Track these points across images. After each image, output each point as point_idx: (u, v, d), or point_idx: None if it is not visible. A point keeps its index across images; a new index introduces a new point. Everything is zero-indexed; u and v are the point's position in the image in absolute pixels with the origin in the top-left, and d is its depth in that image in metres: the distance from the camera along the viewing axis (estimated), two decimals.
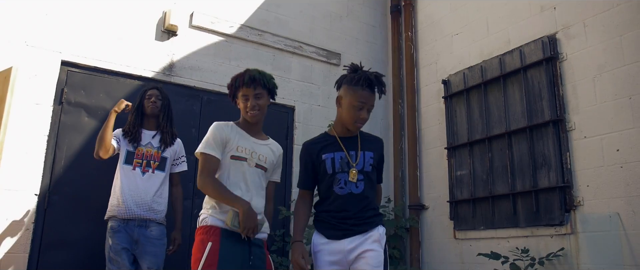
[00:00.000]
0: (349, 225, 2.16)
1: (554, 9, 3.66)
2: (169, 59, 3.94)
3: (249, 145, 2.27)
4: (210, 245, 2.06)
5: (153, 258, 3.01)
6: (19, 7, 3.40)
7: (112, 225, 3.00)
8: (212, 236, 2.09)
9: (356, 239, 2.15)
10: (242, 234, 2.09)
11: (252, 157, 2.26)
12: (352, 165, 2.20)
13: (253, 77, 2.27)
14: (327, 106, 4.65)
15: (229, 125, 2.28)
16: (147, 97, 3.22)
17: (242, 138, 2.27)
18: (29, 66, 3.36)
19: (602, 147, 3.23)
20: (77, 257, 3.31)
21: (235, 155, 2.22)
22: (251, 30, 4.36)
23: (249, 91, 2.26)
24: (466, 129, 4.15)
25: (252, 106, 2.25)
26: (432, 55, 4.69)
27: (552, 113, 3.51)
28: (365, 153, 2.23)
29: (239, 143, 2.24)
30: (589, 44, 3.40)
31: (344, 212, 2.18)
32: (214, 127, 2.27)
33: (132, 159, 3.10)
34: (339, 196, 2.20)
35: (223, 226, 2.12)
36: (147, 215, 3.04)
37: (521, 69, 3.76)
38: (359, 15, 5.13)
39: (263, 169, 2.30)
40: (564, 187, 3.36)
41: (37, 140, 3.32)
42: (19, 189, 3.20)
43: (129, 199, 3.01)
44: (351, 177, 2.18)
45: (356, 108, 2.18)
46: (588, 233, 3.23)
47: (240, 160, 2.22)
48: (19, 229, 3.16)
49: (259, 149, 2.31)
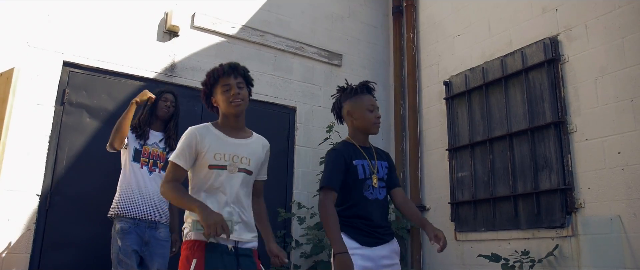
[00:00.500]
0: (380, 234, 2.26)
1: (555, 10, 3.66)
2: (171, 60, 3.95)
3: (228, 150, 2.05)
4: (195, 262, 1.90)
5: (162, 260, 3.00)
6: (21, 8, 3.41)
7: (122, 226, 2.93)
8: (196, 252, 1.93)
9: (386, 247, 2.27)
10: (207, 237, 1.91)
11: (234, 161, 2.04)
12: (373, 172, 2.32)
13: (233, 66, 2.09)
14: (329, 107, 4.55)
15: (203, 129, 2.06)
16: (163, 99, 3.22)
17: (219, 142, 2.05)
18: (31, 67, 3.37)
19: (604, 150, 3.23)
20: (78, 258, 3.32)
21: (213, 164, 2.01)
22: (253, 31, 4.37)
23: (231, 80, 2.06)
24: (467, 131, 4.15)
25: (235, 95, 2.04)
26: (434, 56, 4.69)
27: (553, 115, 3.51)
28: (381, 163, 2.38)
29: (217, 150, 2.03)
30: (590, 46, 3.40)
31: (373, 220, 2.26)
32: (186, 133, 2.05)
33: (140, 157, 3.07)
34: (370, 201, 2.28)
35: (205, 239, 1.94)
36: (156, 217, 3.03)
37: (523, 70, 3.75)
38: (360, 16, 5.12)
39: (248, 173, 2.09)
40: (565, 189, 3.35)
41: (39, 141, 3.33)
42: (20, 190, 3.21)
43: (139, 199, 2.98)
44: (374, 183, 2.30)
45: (369, 111, 2.33)
46: (589, 235, 3.22)
47: (219, 168, 2.02)
48: (20, 230, 3.17)
49: (241, 150, 2.09)
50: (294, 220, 4.21)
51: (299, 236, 4.19)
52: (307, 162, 4.43)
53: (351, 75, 4.89)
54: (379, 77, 5.08)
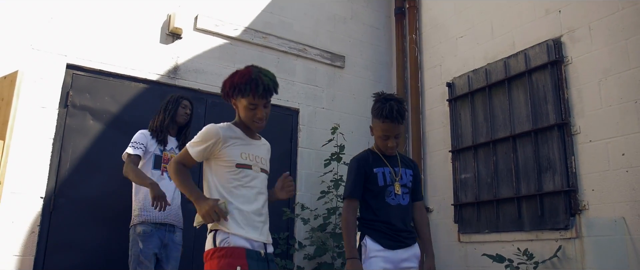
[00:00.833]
0: (402, 237, 2.37)
1: (559, 12, 3.66)
2: (174, 62, 3.95)
3: (252, 150, 2.07)
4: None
5: (175, 262, 3.12)
6: (24, 11, 3.42)
7: (145, 230, 2.99)
8: (239, 259, 1.88)
9: (407, 250, 2.38)
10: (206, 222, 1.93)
11: (256, 161, 2.06)
12: (395, 179, 2.42)
13: (267, 88, 1.98)
14: (331, 109, 4.65)
15: (228, 129, 2.04)
16: (182, 105, 3.29)
17: (244, 143, 2.05)
18: (34, 69, 3.38)
19: (608, 151, 3.22)
20: (82, 260, 3.32)
21: (240, 162, 2.01)
22: (255, 33, 4.37)
23: (260, 102, 1.99)
24: (471, 132, 4.14)
25: (261, 118, 2.01)
26: (437, 57, 4.69)
27: (557, 116, 3.51)
28: (406, 170, 2.47)
29: (242, 149, 2.03)
30: (594, 47, 3.39)
31: (395, 224, 2.37)
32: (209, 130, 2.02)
33: (160, 164, 3.13)
34: (392, 207, 2.39)
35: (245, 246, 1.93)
36: (175, 221, 3.14)
37: (526, 72, 3.75)
38: (362, 17, 5.13)
39: (266, 173, 2.12)
40: (569, 191, 3.35)
41: (43, 143, 3.33)
42: (25, 192, 3.21)
43: None
44: (396, 190, 2.41)
45: (382, 139, 2.41)
46: (593, 237, 3.22)
47: (245, 167, 2.02)
48: (25, 232, 3.17)
49: (258, 151, 2.11)
50: (297, 221, 4.21)
51: (302, 238, 4.19)
52: (310, 164, 4.43)
53: (354, 77, 4.91)
54: (382, 79, 5.08)
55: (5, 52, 3.30)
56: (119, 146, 3.57)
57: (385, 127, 2.36)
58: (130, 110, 3.70)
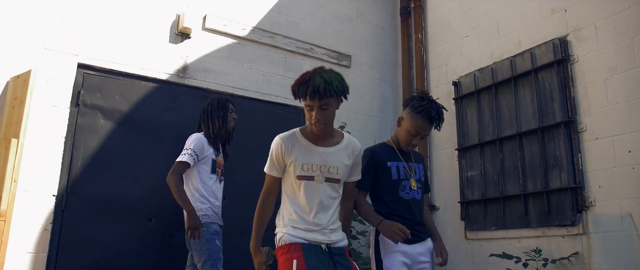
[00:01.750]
0: (418, 231, 2.43)
1: (564, 11, 3.69)
2: (183, 62, 3.99)
3: (316, 160, 2.04)
4: (296, 263, 1.95)
5: None
6: (36, 11, 3.45)
7: (216, 229, 3.14)
8: (294, 253, 1.98)
9: (423, 244, 2.46)
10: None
11: (321, 171, 2.03)
12: (410, 174, 2.48)
13: (316, 90, 1.92)
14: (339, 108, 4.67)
15: (291, 138, 2.06)
16: (230, 110, 3.39)
17: (307, 152, 2.04)
18: (46, 69, 3.41)
19: (614, 149, 3.26)
20: (94, 257, 3.36)
21: (301, 175, 2.03)
22: (263, 32, 4.41)
23: (314, 103, 1.96)
24: (477, 130, 4.18)
25: (317, 120, 1.97)
26: (442, 57, 4.72)
27: (563, 114, 3.54)
28: (418, 165, 2.55)
29: (304, 160, 2.02)
30: (600, 46, 3.43)
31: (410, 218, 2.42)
32: (274, 143, 2.08)
33: (216, 168, 3.26)
34: (405, 201, 2.44)
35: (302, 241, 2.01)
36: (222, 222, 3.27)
37: (532, 70, 3.79)
38: (368, 17, 5.16)
39: (335, 181, 2.08)
40: (575, 187, 3.39)
41: (55, 142, 3.37)
42: (37, 190, 3.25)
43: (219, 209, 3.24)
44: (412, 186, 2.47)
45: (411, 134, 2.44)
46: (600, 233, 3.25)
47: (307, 179, 2.02)
48: (38, 230, 3.21)
49: (329, 159, 2.06)
50: None
51: None
52: None
53: (360, 77, 4.95)
54: (387, 78, 5.12)
55: (18, 52, 3.33)
56: (130, 145, 3.64)
57: (421, 126, 2.40)
58: (141, 109, 3.74)
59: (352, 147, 2.15)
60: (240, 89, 4.20)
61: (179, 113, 3.87)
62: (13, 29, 3.35)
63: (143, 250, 3.53)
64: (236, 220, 3.70)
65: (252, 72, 4.30)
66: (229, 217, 3.65)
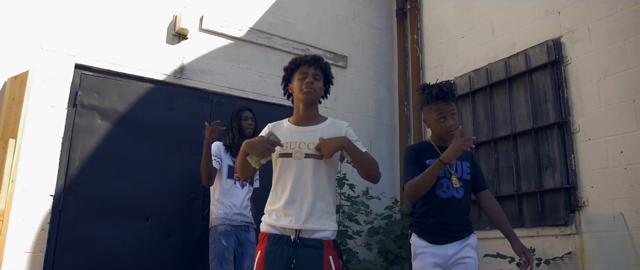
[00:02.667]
0: (451, 231, 2.31)
1: (558, 13, 3.73)
2: (180, 62, 4.01)
3: (295, 138, 2.08)
4: (259, 254, 1.98)
5: (251, 259, 3.26)
6: (33, 12, 3.47)
7: (224, 229, 3.29)
8: (261, 244, 2.01)
9: (457, 244, 2.30)
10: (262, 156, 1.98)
11: (300, 148, 2.04)
12: (451, 172, 2.36)
13: (317, 57, 2.15)
14: (334, 108, 4.71)
15: (277, 123, 2.17)
16: (244, 117, 3.52)
17: (288, 132, 2.11)
18: (43, 69, 3.42)
19: (607, 149, 3.30)
20: (91, 257, 3.37)
21: (281, 152, 2.07)
22: (260, 33, 4.43)
23: (309, 69, 2.10)
24: (472, 131, 4.22)
25: (309, 83, 2.07)
26: (438, 57, 4.76)
27: (557, 115, 3.58)
28: (462, 163, 2.40)
29: (284, 139, 2.07)
30: (593, 47, 3.47)
31: (444, 218, 2.31)
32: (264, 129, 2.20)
33: (233, 174, 3.40)
34: (442, 200, 2.33)
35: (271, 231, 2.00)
36: (248, 223, 3.39)
37: (526, 72, 3.83)
38: (364, 18, 5.19)
39: (317, 158, 2.04)
40: (569, 188, 3.43)
41: (52, 142, 3.38)
42: (35, 190, 3.26)
43: (233, 209, 3.34)
44: (454, 183, 2.35)
45: (440, 121, 2.35)
46: (593, 233, 3.29)
47: (285, 156, 2.06)
48: (35, 229, 3.22)
49: (309, 136, 2.07)
50: None
51: None
52: None
53: (356, 77, 4.98)
54: (383, 78, 5.15)
55: (15, 53, 3.35)
56: (127, 145, 3.66)
57: (438, 108, 2.34)
58: (138, 109, 3.76)
59: (337, 125, 2.16)
60: (237, 90, 4.22)
61: (176, 113, 3.90)
62: (10, 30, 3.37)
63: (140, 250, 3.55)
64: None
65: (249, 72, 4.33)
66: None
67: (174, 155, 3.80)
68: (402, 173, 4.74)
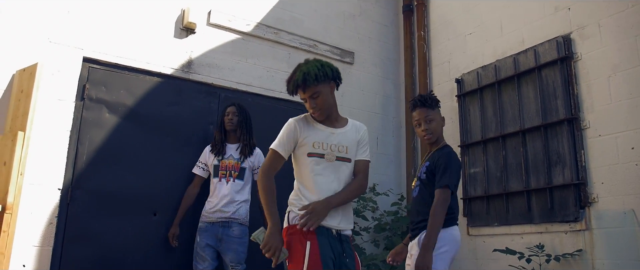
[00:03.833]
0: (411, 229, 2.62)
1: (568, 9, 3.72)
2: (188, 56, 3.98)
3: (326, 139, 2.14)
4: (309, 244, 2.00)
5: (233, 253, 3.36)
6: (42, 5, 3.44)
7: (200, 226, 3.47)
8: (308, 234, 2.02)
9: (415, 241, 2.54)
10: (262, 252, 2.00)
11: (332, 150, 2.13)
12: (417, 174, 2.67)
13: (297, 84, 2.13)
14: (341, 104, 4.57)
15: (302, 120, 2.20)
16: (225, 114, 3.63)
17: (317, 132, 2.15)
18: (51, 62, 3.40)
19: (617, 145, 3.30)
20: (99, 251, 3.35)
21: (312, 152, 2.11)
22: (267, 28, 4.41)
23: (304, 95, 2.15)
24: (480, 127, 4.21)
25: (312, 109, 2.15)
26: (445, 54, 4.75)
27: (566, 111, 3.58)
28: (425, 164, 2.61)
29: (315, 138, 2.12)
30: (603, 44, 3.46)
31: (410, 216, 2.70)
32: (286, 124, 2.21)
33: (218, 172, 3.52)
34: (412, 199, 2.70)
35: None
36: (229, 218, 3.42)
37: (536, 68, 3.82)
38: (371, 14, 5.18)
39: (346, 161, 2.16)
40: (578, 184, 3.42)
41: (60, 136, 3.36)
42: (42, 184, 3.24)
43: (210, 206, 3.45)
44: (413, 184, 2.69)
45: (416, 126, 2.65)
46: (603, 229, 3.29)
47: (317, 156, 2.11)
48: (43, 223, 3.20)
49: (338, 139, 2.17)
50: None
51: None
52: None
53: (363, 73, 4.97)
54: (390, 75, 5.14)
55: (23, 45, 3.32)
56: (134, 139, 3.64)
57: (412, 115, 2.66)
58: (146, 103, 3.74)
59: (357, 127, 2.29)
60: (244, 85, 4.20)
61: (184, 108, 3.88)
62: (19, 22, 3.34)
63: (147, 245, 3.53)
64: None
65: (256, 67, 4.31)
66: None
67: (181, 150, 3.78)
68: (408, 170, 4.74)
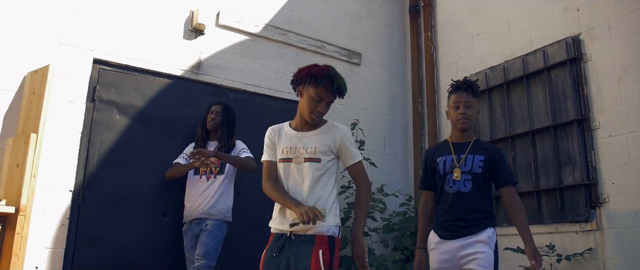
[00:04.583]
0: (457, 227, 2.38)
1: (577, 10, 3.74)
2: (197, 58, 3.99)
3: (293, 143, 2.18)
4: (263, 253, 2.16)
5: (202, 246, 3.28)
6: (52, 7, 3.44)
7: (183, 228, 3.48)
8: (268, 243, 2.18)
9: (462, 240, 2.36)
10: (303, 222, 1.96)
11: (299, 153, 2.14)
12: (456, 165, 2.42)
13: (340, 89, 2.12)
14: (348, 105, 4.70)
15: (278, 128, 2.27)
16: (209, 112, 3.61)
17: (287, 138, 2.20)
18: (62, 64, 3.39)
19: (628, 146, 3.31)
20: (110, 253, 3.35)
21: (281, 157, 2.19)
22: (275, 29, 4.42)
23: (327, 97, 2.11)
24: (488, 128, 4.22)
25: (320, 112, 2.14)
26: (452, 55, 4.76)
27: (576, 112, 3.59)
28: (475, 156, 2.43)
29: (284, 145, 2.19)
30: (613, 45, 3.48)
31: (450, 213, 2.40)
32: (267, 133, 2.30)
33: (198, 169, 3.46)
34: (449, 194, 2.43)
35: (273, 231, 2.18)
36: (203, 215, 3.37)
37: (545, 69, 3.83)
38: (378, 15, 5.19)
39: (315, 161, 2.13)
40: (589, 184, 3.43)
41: (71, 137, 3.36)
42: (54, 185, 3.24)
43: (193, 204, 3.41)
44: (455, 176, 2.40)
45: (453, 108, 2.50)
46: (614, 229, 3.30)
47: (286, 161, 2.17)
48: (55, 225, 3.20)
49: (307, 141, 2.17)
50: None
51: None
52: None
53: (370, 74, 4.97)
54: (397, 76, 5.15)
55: (34, 47, 3.32)
56: (144, 140, 3.64)
57: (455, 97, 2.49)
58: (155, 105, 3.74)
59: (334, 130, 2.20)
60: (253, 86, 4.20)
61: (193, 109, 3.87)
62: (30, 24, 3.34)
63: (158, 246, 3.53)
64: (250, 216, 3.72)
65: (265, 68, 4.31)
66: (243, 214, 3.68)
67: None
68: (416, 170, 4.75)
